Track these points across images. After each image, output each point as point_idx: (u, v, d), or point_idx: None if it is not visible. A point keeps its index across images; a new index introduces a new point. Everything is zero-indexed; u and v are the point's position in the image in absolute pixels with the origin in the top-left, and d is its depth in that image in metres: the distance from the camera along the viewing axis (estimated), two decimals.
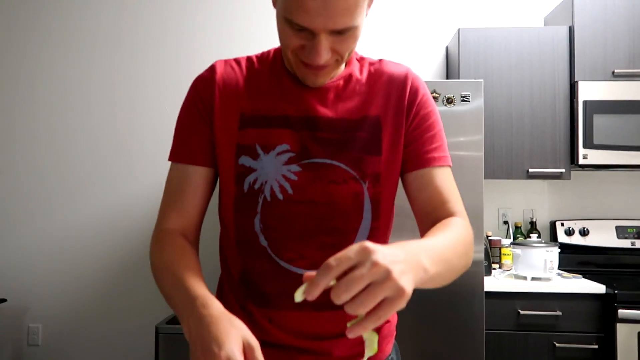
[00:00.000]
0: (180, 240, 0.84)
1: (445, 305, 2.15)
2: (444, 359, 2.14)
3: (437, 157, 0.90)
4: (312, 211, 0.85)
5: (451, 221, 0.83)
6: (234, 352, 0.59)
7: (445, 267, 0.70)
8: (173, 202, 0.88)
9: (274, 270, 0.86)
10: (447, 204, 0.88)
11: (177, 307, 0.72)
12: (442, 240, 0.73)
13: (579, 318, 2.23)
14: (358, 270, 0.55)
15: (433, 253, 0.67)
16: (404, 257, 0.59)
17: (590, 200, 2.87)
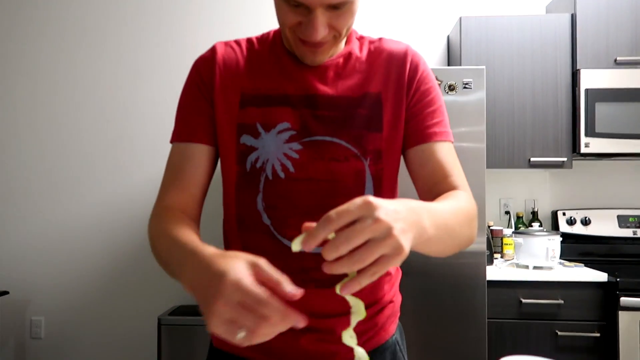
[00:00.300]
0: (180, 214, 0.83)
1: (448, 295, 2.15)
2: (447, 347, 2.14)
3: (438, 132, 0.90)
4: (314, 189, 0.85)
5: (454, 193, 0.82)
6: (239, 273, 0.55)
7: (446, 232, 0.69)
8: (174, 179, 0.88)
9: (277, 248, 0.86)
10: (450, 177, 0.87)
11: (174, 268, 0.70)
12: (444, 206, 0.72)
13: (581, 306, 2.23)
14: (359, 225, 0.54)
15: (434, 215, 0.66)
16: (405, 215, 0.58)
17: (591, 189, 2.86)
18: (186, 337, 2.48)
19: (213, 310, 0.54)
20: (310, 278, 0.86)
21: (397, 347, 0.96)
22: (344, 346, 0.92)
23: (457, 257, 2.13)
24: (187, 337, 2.48)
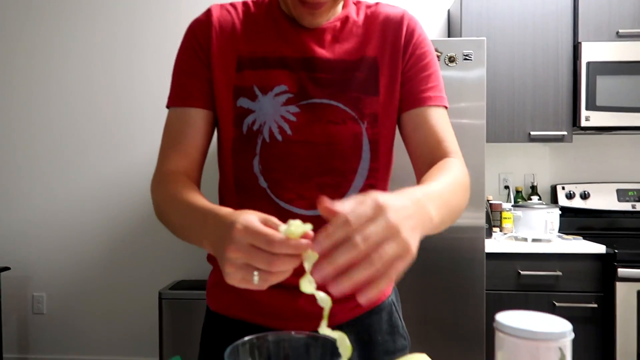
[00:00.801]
0: (183, 178, 0.83)
1: (447, 267, 2.16)
2: (446, 319, 2.16)
3: (433, 96, 0.90)
4: (311, 152, 0.85)
5: (447, 163, 0.82)
6: (248, 217, 0.57)
7: (447, 211, 0.70)
8: (173, 144, 0.88)
9: (274, 211, 0.86)
10: (443, 143, 0.87)
11: (192, 232, 0.71)
12: (442, 185, 0.72)
13: (578, 278, 2.24)
14: (373, 227, 0.54)
15: (437, 200, 0.66)
16: (412, 211, 0.59)
17: (591, 163, 2.86)
18: (187, 311, 2.50)
19: (226, 258, 0.56)
20: None
21: (393, 308, 0.97)
22: (341, 306, 0.92)
23: (456, 231, 2.14)
24: (188, 310, 2.50)
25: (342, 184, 0.87)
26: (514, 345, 0.62)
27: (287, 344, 0.71)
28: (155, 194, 0.84)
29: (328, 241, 0.54)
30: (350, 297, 0.92)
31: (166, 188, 0.81)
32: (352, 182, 0.87)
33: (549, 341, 0.60)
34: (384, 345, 0.92)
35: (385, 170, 0.92)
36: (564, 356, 0.60)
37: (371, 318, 0.93)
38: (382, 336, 0.93)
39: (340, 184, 0.87)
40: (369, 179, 0.88)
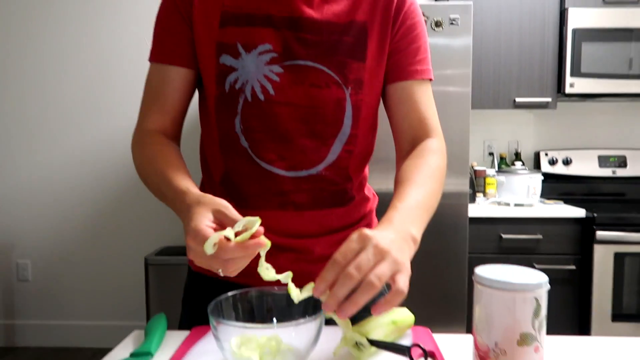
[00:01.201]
0: (161, 138, 0.84)
1: (431, 232, 2.17)
2: (429, 282, 2.21)
3: (420, 69, 0.89)
4: (292, 113, 0.84)
5: (425, 150, 0.85)
6: (198, 226, 0.63)
7: (428, 215, 0.77)
8: (153, 102, 0.87)
9: (255, 171, 0.86)
10: (425, 121, 0.89)
11: (169, 202, 0.76)
12: (420, 192, 0.77)
13: (558, 241, 2.30)
14: (364, 255, 0.59)
15: (416, 216, 0.72)
16: (395, 236, 0.64)
17: (574, 130, 2.89)
18: (173, 277, 2.51)
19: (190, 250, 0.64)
20: (288, 201, 0.87)
21: None
22: (321, 265, 0.94)
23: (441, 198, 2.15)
24: (175, 276, 2.51)
25: (321, 147, 0.87)
26: (491, 297, 0.63)
27: (269, 299, 0.72)
28: (135, 154, 0.86)
29: (324, 284, 0.59)
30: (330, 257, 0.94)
31: (145, 149, 0.83)
32: (332, 146, 0.87)
33: (525, 292, 0.61)
34: None
35: (366, 136, 0.91)
36: (539, 306, 0.62)
37: None
38: None
39: (320, 148, 0.86)
40: (347, 145, 0.88)
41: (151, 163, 0.81)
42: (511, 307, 0.62)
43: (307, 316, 0.63)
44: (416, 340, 0.76)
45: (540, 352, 0.63)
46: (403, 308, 0.78)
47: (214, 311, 0.65)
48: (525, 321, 0.61)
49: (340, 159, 0.88)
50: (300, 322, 0.62)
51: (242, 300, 0.72)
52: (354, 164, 0.90)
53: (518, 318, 0.61)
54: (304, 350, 0.65)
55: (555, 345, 0.77)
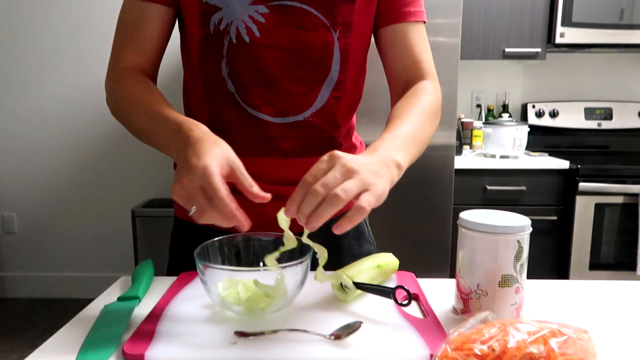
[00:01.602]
0: (143, 77, 0.80)
1: (417, 184, 2.21)
2: (414, 232, 2.24)
3: (413, 11, 0.86)
4: (279, 57, 0.82)
5: (420, 91, 0.82)
6: (211, 164, 0.59)
7: (417, 148, 0.74)
8: (130, 40, 0.82)
9: (242, 116, 0.84)
10: (419, 64, 0.86)
11: (158, 138, 0.71)
12: (411, 125, 0.74)
13: (542, 192, 2.34)
14: (331, 173, 0.58)
15: (404, 145, 0.69)
16: (372, 160, 0.62)
17: (562, 82, 2.88)
18: (160, 228, 2.52)
19: (180, 181, 0.60)
20: (275, 148, 0.86)
21: None
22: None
23: (428, 150, 2.13)
24: (162, 228, 2.52)
25: (309, 93, 0.84)
26: (475, 240, 0.64)
27: (256, 243, 0.73)
28: (112, 91, 0.80)
29: (294, 205, 0.59)
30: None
31: (126, 86, 0.78)
32: (319, 92, 0.85)
33: (507, 235, 0.62)
34: (350, 249, 0.95)
35: (354, 82, 0.89)
36: (521, 249, 0.63)
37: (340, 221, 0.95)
38: (348, 241, 0.95)
39: (307, 94, 0.84)
40: (336, 91, 0.86)
41: (134, 100, 0.76)
42: (494, 250, 0.63)
43: (294, 261, 0.63)
44: (401, 283, 0.77)
45: (521, 293, 0.65)
46: (388, 253, 0.79)
47: (200, 255, 0.66)
48: (507, 263, 0.63)
49: (328, 105, 0.86)
50: (286, 266, 0.63)
51: (228, 245, 0.72)
52: (342, 110, 0.89)
53: (500, 260, 0.63)
54: (290, 294, 0.66)
55: (534, 287, 0.79)
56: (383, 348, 0.57)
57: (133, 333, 0.60)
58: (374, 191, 0.59)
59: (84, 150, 2.85)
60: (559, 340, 0.51)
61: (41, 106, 2.81)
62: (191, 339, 0.59)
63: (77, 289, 2.93)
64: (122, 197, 2.87)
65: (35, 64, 2.77)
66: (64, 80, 2.78)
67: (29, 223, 2.92)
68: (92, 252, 2.94)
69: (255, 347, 0.57)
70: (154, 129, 0.72)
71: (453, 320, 0.66)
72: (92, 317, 0.67)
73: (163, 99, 0.76)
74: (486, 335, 0.53)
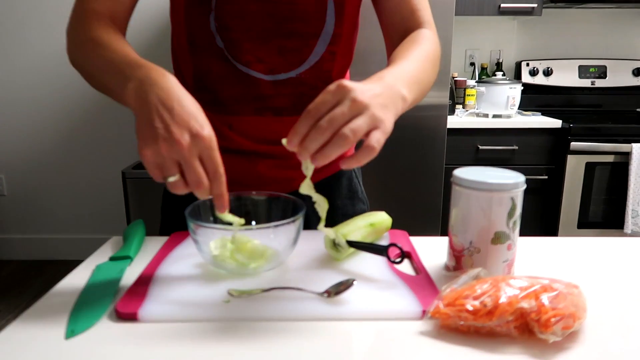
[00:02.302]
0: (111, 23, 0.73)
1: (409, 143, 2.20)
2: (406, 192, 2.25)
3: None
4: (270, 10, 0.78)
5: (419, 36, 0.79)
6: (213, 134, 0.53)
7: (419, 88, 0.69)
8: None
9: (232, 73, 0.81)
10: (416, 12, 0.83)
11: (112, 79, 0.62)
12: (412, 64, 0.70)
13: (533, 152, 2.34)
14: (338, 108, 0.54)
15: (407, 79, 0.65)
16: (381, 91, 0.58)
17: (557, 40, 2.83)
18: (151, 189, 2.50)
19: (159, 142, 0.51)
20: (267, 106, 0.84)
21: (352, 174, 0.99)
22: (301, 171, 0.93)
23: (420, 109, 2.14)
24: (152, 189, 2.50)
25: (302, 49, 0.82)
26: (468, 197, 0.64)
27: (248, 202, 0.72)
28: (72, 33, 0.72)
29: (296, 137, 0.54)
30: None
31: (88, 28, 0.70)
32: (314, 47, 0.82)
33: (501, 192, 0.62)
34: (343, 209, 0.95)
35: (349, 37, 0.86)
36: (514, 206, 0.63)
37: (331, 183, 0.94)
38: (341, 200, 0.95)
39: (301, 49, 0.82)
40: (331, 45, 0.83)
41: (95, 43, 0.66)
42: (487, 207, 0.62)
43: (286, 219, 0.63)
44: (393, 241, 0.77)
45: (513, 249, 0.65)
46: (381, 212, 0.79)
47: (192, 214, 0.65)
48: (500, 220, 0.63)
49: (323, 61, 0.83)
50: (278, 224, 0.62)
51: None
52: (337, 67, 0.86)
53: (493, 218, 0.62)
54: (282, 253, 0.65)
55: (525, 245, 0.80)
56: (376, 305, 0.57)
57: (126, 292, 0.60)
58: (383, 129, 0.55)
59: (73, 111, 2.79)
60: (550, 295, 0.52)
61: (27, 66, 2.73)
62: (184, 298, 0.58)
63: (70, 251, 2.94)
64: (112, 158, 2.84)
65: (17, 22, 2.67)
66: (50, 39, 2.69)
67: (18, 185, 2.89)
68: (83, 214, 2.93)
69: (249, 305, 0.57)
70: (110, 70, 0.62)
71: (445, 277, 0.67)
72: (85, 277, 0.67)
73: (128, 44, 0.68)
74: (478, 291, 0.54)
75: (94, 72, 0.67)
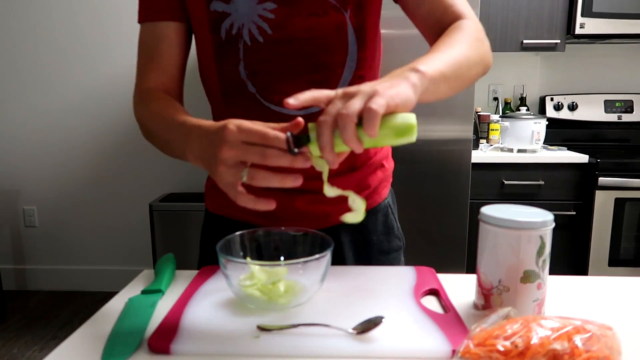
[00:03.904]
0: (164, 95, 0.82)
1: (434, 178, 2.20)
2: (431, 227, 2.24)
3: None
4: (295, 49, 0.82)
5: (453, 27, 0.78)
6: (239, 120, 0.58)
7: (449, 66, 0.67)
8: (149, 61, 0.85)
9: (265, 115, 0.84)
10: (450, 7, 0.81)
11: (175, 146, 0.71)
12: (441, 48, 0.70)
13: (560, 187, 2.31)
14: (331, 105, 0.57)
15: (429, 59, 0.65)
16: (388, 78, 0.60)
17: (581, 74, 2.83)
18: (177, 222, 2.55)
19: (219, 159, 0.58)
20: None
21: (389, 210, 0.99)
22: (338, 207, 0.94)
23: (444, 143, 2.15)
24: (179, 222, 2.55)
25: (331, 78, 0.84)
26: (497, 235, 0.64)
27: (277, 238, 0.73)
28: (138, 113, 0.83)
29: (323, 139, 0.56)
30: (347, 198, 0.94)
31: (148, 106, 0.80)
32: (342, 75, 0.84)
33: (530, 230, 0.62)
34: (379, 245, 0.95)
35: (373, 58, 0.88)
36: (544, 244, 0.63)
37: (367, 219, 0.94)
38: (377, 237, 0.95)
39: (329, 79, 0.84)
40: (358, 70, 0.85)
41: (156, 116, 0.77)
42: (516, 245, 0.62)
43: (315, 255, 0.64)
44: (421, 279, 0.77)
45: (543, 288, 0.64)
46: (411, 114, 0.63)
47: (222, 249, 0.66)
48: (529, 259, 0.62)
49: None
50: (308, 260, 0.63)
51: (249, 239, 0.72)
52: None
53: (522, 256, 0.62)
54: (311, 288, 0.66)
55: (555, 283, 0.79)
56: (405, 343, 0.57)
57: (158, 326, 0.61)
58: (382, 93, 0.55)
59: (102, 145, 2.89)
60: (584, 337, 0.51)
61: (60, 102, 2.85)
62: (215, 333, 0.59)
63: (96, 282, 2.98)
64: (139, 191, 2.91)
65: (54, 61, 2.81)
66: (83, 77, 2.82)
67: (49, 217, 2.97)
68: (110, 246, 2.98)
69: (278, 341, 0.57)
70: (171, 137, 0.72)
71: (474, 315, 0.66)
72: (117, 309, 0.68)
73: (180, 109, 0.76)
74: (509, 331, 0.53)
75: (161, 145, 0.77)
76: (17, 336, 2.44)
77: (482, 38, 0.78)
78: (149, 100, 0.81)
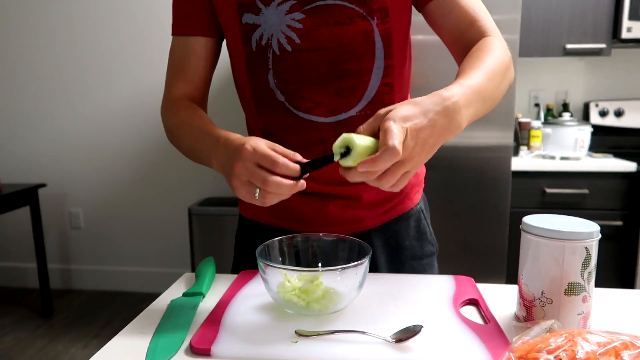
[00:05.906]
0: (190, 103, 0.87)
1: (473, 185, 2.16)
2: (469, 236, 2.19)
3: None
4: (322, 57, 0.83)
5: (483, 45, 0.78)
6: (255, 141, 0.64)
7: (484, 104, 0.71)
8: (178, 72, 0.90)
9: (295, 123, 0.86)
10: (477, 22, 0.82)
11: (202, 155, 0.77)
12: (478, 77, 0.70)
13: (605, 196, 2.22)
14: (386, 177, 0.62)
15: (471, 99, 0.67)
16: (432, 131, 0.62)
17: (628, 79, 2.73)
18: (216, 226, 2.60)
19: (234, 173, 0.65)
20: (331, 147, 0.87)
21: (421, 215, 0.99)
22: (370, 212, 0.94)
23: (484, 150, 2.10)
24: (217, 225, 2.60)
25: (358, 86, 0.85)
26: (539, 246, 0.62)
27: (315, 244, 0.74)
28: (165, 120, 0.89)
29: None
30: (379, 203, 0.94)
31: (176, 114, 0.86)
32: (369, 82, 0.85)
33: (575, 241, 0.60)
34: (412, 250, 0.95)
35: (402, 66, 0.89)
36: (589, 256, 0.61)
37: (399, 224, 0.95)
38: (409, 241, 0.95)
39: (357, 86, 0.85)
40: (385, 78, 0.86)
41: (184, 124, 0.83)
42: (560, 257, 0.61)
43: (352, 262, 0.64)
44: (460, 288, 0.76)
45: (588, 302, 0.62)
46: None
47: (262, 254, 0.68)
48: (574, 271, 0.61)
49: (380, 95, 0.85)
50: (346, 267, 0.63)
51: (288, 245, 0.73)
52: (397, 98, 0.88)
53: (567, 268, 0.61)
54: (348, 295, 0.66)
55: (601, 296, 0.76)
56: (444, 353, 0.56)
57: (199, 328, 0.63)
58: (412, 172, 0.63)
59: (144, 150, 2.98)
60: (632, 353, 0.49)
61: (104, 110, 2.96)
62: (254, 336, 0.60)
63: (136, 283, 3.07)
64: (179, 195, 2.98)
65: (99, 68, 2.92)
66: (127, 83, 2.92)
67: (93, 219, 3.08)
68: (150, 248, 3.07)
69: (316, 346, 0.58)
70: (198, 146, 0.78)
71: (515, 327, 0.65)
72: (160, 311, 0.71)
73: (207, 119, 0.82)
74: (553, 344, 0.52)
75: (187, 152, 0.83)
76: (62, 333, 2.54)
77: (509, 63, 0.80)
78: (177, 108, 0.87)
